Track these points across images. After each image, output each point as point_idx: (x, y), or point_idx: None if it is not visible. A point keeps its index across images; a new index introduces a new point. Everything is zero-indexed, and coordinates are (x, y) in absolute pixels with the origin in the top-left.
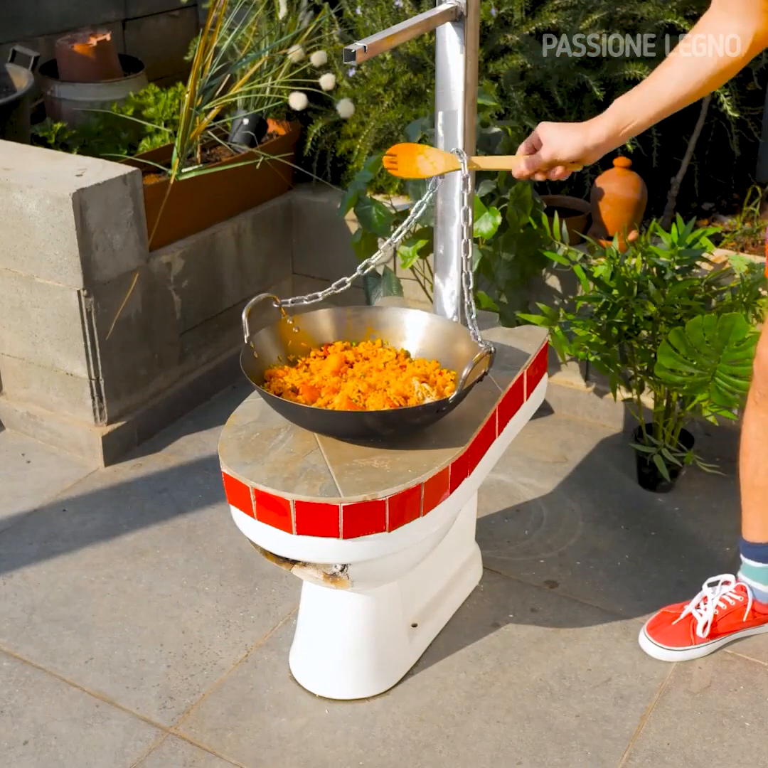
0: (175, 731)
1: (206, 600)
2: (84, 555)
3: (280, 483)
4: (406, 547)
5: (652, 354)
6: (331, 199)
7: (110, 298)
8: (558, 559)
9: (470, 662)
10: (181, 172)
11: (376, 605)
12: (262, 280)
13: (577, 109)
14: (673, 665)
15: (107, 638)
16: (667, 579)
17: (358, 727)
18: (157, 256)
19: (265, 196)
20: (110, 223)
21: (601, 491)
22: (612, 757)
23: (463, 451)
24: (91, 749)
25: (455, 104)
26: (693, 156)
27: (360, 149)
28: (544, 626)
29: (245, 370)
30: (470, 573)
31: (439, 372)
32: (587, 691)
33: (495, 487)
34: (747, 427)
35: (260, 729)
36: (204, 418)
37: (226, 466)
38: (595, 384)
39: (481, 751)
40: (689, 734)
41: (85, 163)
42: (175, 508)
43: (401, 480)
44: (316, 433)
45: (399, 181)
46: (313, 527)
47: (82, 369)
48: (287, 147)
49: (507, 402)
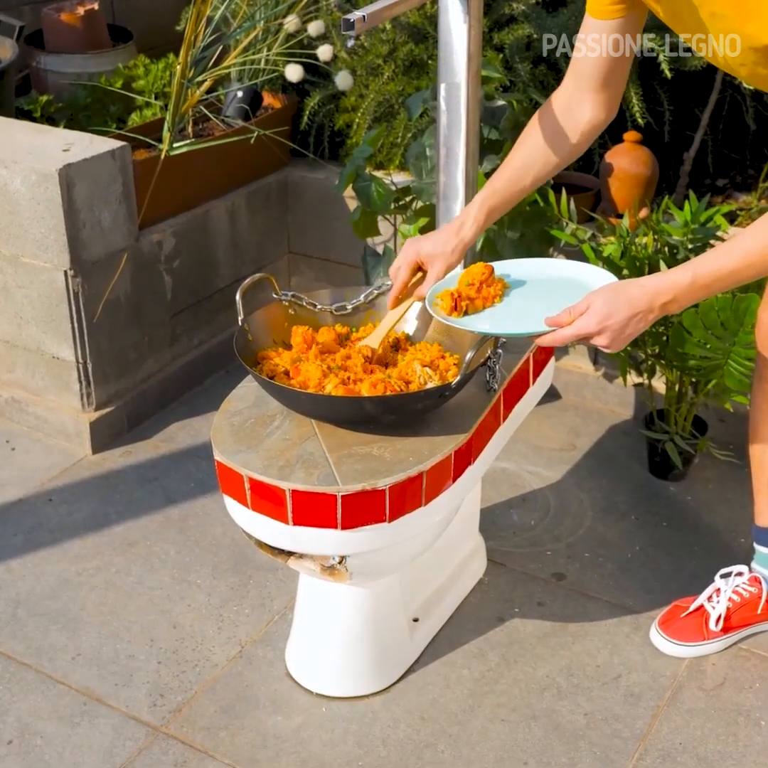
0: (166, 730)
1: (198, 593)
2: (71, 546)
3: (275, 471)
4: (407, 538)
5: (664, 337)
6: (329, 175)
7: (98, 278)
8: (565, 551)
9: (474, 658)
10: (173, 147)
11: (376, 599)
12: (256, 259)
13: None
14: (685, 662)
15: (95, 633)
16: (680, 571)
17: (357, 726)
18: (148, 234)
19: (260, 172)
20: (98, 200)
21: (610, 480)
22: (622, 758)
23: (466, 438)
24: (78, 749)
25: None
26: (707, 130)
27: (359, 123)
28: (551, 621)
29: (239, 353)
30: (474, 565)
31: (442, 355)
32: (596, 688)
33: (500, 475)
34: (753, 400)
35: (255, 728)
36: (196, 403)
37: (219, 453)
38: (604, 368)
39: (485, 751)
40: (702, 733)
41: (72, 138)
42: (165, 497)
43: (402, 468)
44: (313, 419)
45: (400, 157)
46: (310, 517)
47: (69, 352)
48: (283, 121)
49: (512, 387)
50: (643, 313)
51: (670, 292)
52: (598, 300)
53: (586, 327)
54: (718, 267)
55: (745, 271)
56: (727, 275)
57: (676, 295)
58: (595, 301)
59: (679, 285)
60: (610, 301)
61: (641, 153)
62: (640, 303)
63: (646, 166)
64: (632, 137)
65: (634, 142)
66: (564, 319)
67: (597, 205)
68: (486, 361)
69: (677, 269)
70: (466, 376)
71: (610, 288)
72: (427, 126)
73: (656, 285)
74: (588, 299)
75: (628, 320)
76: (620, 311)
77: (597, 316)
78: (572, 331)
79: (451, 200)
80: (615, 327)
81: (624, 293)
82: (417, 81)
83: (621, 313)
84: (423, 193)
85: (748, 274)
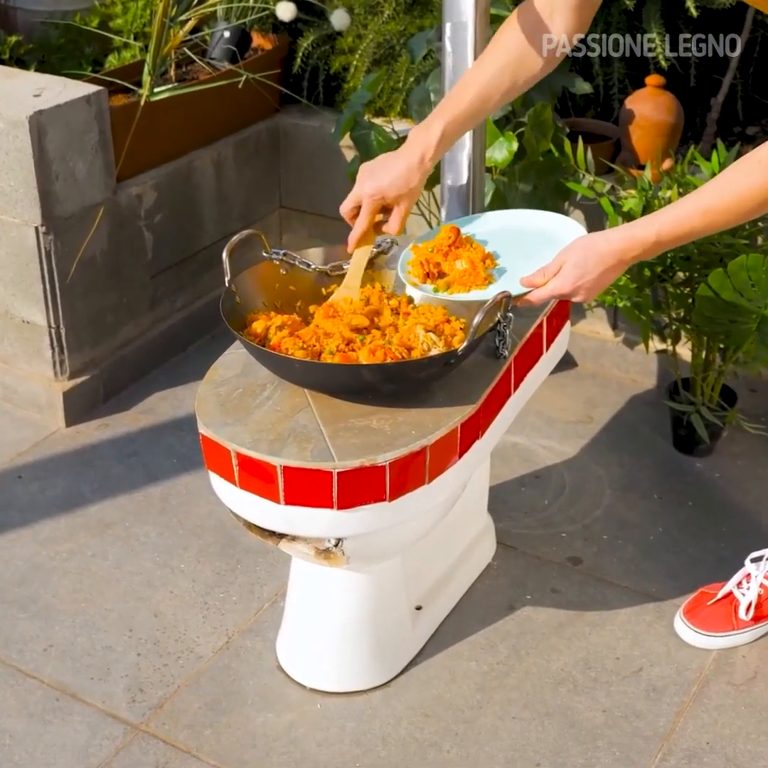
0: (146, 728)
1: (182, 579)
2: (42, 528)
3: (265, 446)
4: (409, 519)
5: (690, 299)
6: (324, 122)
7: (72, 235)
8: (582, 533)
9: (482, 650)
10: (153, 91)
11: (375, 585)
12: (245, 214)
13: (604, 20)
14: (713, 653)
15: (69, 622)
16: (707, 555)
17: (355, 724)
18: (126, 187)
19: (249, 119)
20: (72, 150)
21: (631, 455)
22: (643, 758)
23: (474, 409)
24: (51, 749)
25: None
26: (736, 74)
27: (357, 66)
28: (567, 609)
29: (226, 316)
30: (482, 548)
31: (447, 319)
32: (615, 682)
33: (510, 450)
34: None
35: (243, 726)
36: (179, 371)
37: (204, 426)
38: (624, 333)
39: (495, 751)
40: (731, 732)
41: (44, 82)
42: (146, 474)
43: (404, 443)
44: (306, 389)
45: (401, 103)
46: (304, 496)
47: (41, 316)
48: (274, 63)
49: (524, 354)
50: (614, 266)
51: (637, 249)
52: (569, 260)
53: (560, 288)
54: (680, 226)
55: (707, 229)
56: (688, 233)
57: (645, 251)
58: (567, 261)
59: (644, 243)
60: (581, 261)
61: (665, 98)
62: (610, 259)
63: (670, 112)
64: (655, 81)
65: (657, 86)
66: (538, 280)
67: (616, 156)
68: (495, 326)
69: (643, 225)
70: (474, 341)
71: (579, 246)
72: (431, 69)
73: (622, 243)
74: (559, 259)
75: (600, 276)
76: (592, 270)
77: (570, 278)
78: (547, 293)
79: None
80: (588, 285)
81: (594, 252)
82: (420, 20)
83: (593, 271)
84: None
85: (711, 230)
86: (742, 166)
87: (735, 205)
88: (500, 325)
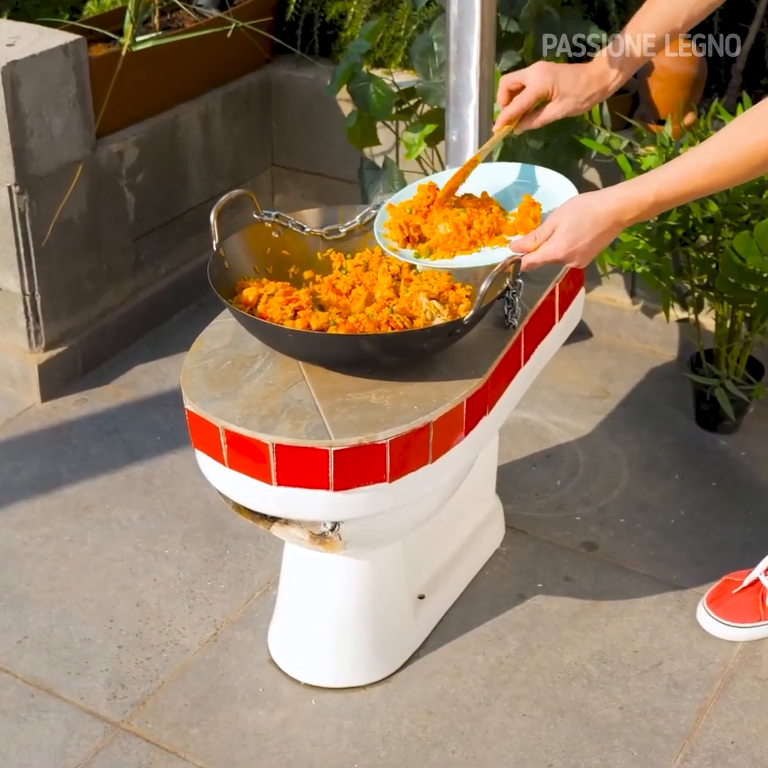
0: (127, 726)
1: (166, 566)
2: (16, 511)
3: (256, 422)
4: (411, 501)
5: (714, 264)
6: (320, 74)
7: (48, 195)
8: (597, 516)
9: (490, 642)
10: (136, 41)
11: (374, 573)
12: (234, 173)
13: None
14: (738, 646)
15: (44, 613)
16: (731, 540)
17: (353, 722)
18: (106, 144)
19: (238, 70)
20: (48, 104)
21: (650, 432)
22: (663, 758)
23: (480, 383)
24: (25, 748)
25: None
26: (763, 21)
27: (355, 13)
28: (581, 598)
29: (214, 283)
30: (490, 533)
31: (452, 286)
32: (633, 677)
33: (520, 427)
34: None
35: (232, 724)
36: (163, 342)
37: (191, 401)
38: (643, 301)
39: (503, 751)
40: (758, 730)
41: (18, 30)
42: (127, 453)
43: (405, 419)
44: (300, 361)
45: (403, 53)
46: (298, 476)
47: (14, 282)
48: (265, 11)
49: (535, 323)
50: (610, 228)
51: (635, 210)
52: (563, 223)
53: (553, 254)
54: (682, 185)
55: (711, 187)
56: (690, 192)
57: (643, 212)
58: (560, 224)
59: (643, 204)
60: (575, 225)
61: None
62: (606, 222)
63: (692, 63)
64: None
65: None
66: (529, 244)
67: (634, 110)
68: (504, 293)
69: (642, 184)
70: (481, 310)
71: (573, 207)
72: (434, 17)
73: (620, 204)
74: (552, 222)
75: (595, 240)
76: (586, 234)
77: (564, 242)
78: (539, 258)
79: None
80: (583, 249)
81: (588, 213)
82: None
83: (587, 235)
84: (430, 95)
85: (715, 189)
86: (748, 120)
87: (741, 162)
88: (509, 292)
